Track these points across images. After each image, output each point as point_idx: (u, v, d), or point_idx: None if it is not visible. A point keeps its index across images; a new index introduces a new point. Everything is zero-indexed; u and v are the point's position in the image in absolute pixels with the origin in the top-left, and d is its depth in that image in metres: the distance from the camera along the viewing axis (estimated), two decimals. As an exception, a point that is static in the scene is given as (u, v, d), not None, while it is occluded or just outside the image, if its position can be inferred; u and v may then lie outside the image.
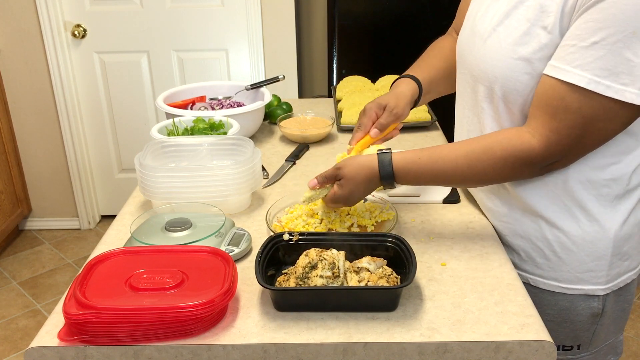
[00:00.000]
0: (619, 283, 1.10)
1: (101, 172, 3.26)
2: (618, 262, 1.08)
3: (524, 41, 0.98)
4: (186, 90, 1.79)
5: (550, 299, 1.11)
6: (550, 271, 1.10)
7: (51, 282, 2.85)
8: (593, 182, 1.03)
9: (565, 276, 1.09)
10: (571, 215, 1.05)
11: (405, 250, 0.99)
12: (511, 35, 1.00)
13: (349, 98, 1.85)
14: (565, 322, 1.12)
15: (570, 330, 1.13)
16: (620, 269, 1.09)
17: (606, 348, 1.18)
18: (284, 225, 1.15)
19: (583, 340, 1.14)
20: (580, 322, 1.11)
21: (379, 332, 0.88)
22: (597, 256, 1.06)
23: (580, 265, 1.07)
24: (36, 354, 0.88)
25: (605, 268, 1.07)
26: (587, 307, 1.10)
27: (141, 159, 1.22)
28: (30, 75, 2.97)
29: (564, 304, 1.11)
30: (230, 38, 2.95)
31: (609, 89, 0.88)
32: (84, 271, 0.94)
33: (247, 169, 1.20)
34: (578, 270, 1.08)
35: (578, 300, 1.10)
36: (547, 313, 1.11)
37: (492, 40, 1.04)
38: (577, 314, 1.11)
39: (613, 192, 1.04)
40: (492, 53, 1.03)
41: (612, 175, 1.03)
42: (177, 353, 0.87)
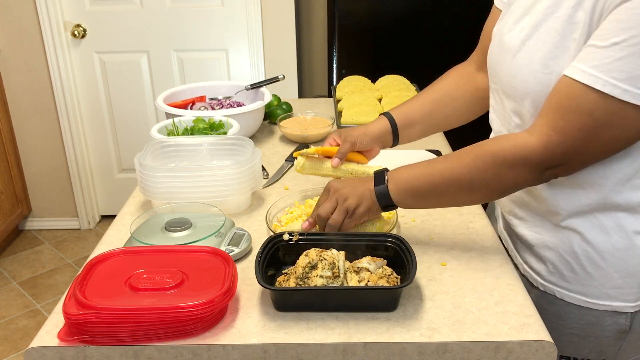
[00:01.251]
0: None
1: (101, 172, 3.26)
2: None
3: (554, 55, 0.94)
4: (186, 90, 1.79)
5: (576, 313, 1.08)
6: (577, 285, 1.06)
7: (51, 282, 2.85)
8: (630, 201, 0.98)
9: (593, 291, 1.05)
10: (603, 230, 1.01)
11: (405, 250, 0.99)
12: (541, 49, 0.96)
13: (349, 98, 1.85)
14: (591, 336, 1.08)
15: (595, 345, 1.09)
16: None
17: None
18: (284, 225, 1.15)
19: (608, 355, 1.10)
20: (606, 337, 1.07)
21: (379, 332, 0.88)
22: (627, 273, 1.02)
23: (608, 282, 1.03)
24: (36, 354, 0.88)
25: (635, 285, 1.03)
26: (614, 323, 1.06)
27: (141, 159, 1.22)
28: (30, 75, 2.97)
29: (589, 319, 1.07)
30: (230, 38, 2.95)
31: (626, 92, 0.83)
32: (83, 271, 0.94)
33: (247, 169, 1.20)
34: (606, 286, 1.03)
35: (605, 316, 1.06)
36: (573, 327, 1.08)
37: (521, 55, 0.99)
38: (603, 329, 1.07)
39: None
40: (522, 68, 0.99)
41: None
42: (177, 353, 0.87)
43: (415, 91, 1.91)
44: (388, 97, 1.86)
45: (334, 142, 1.23)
